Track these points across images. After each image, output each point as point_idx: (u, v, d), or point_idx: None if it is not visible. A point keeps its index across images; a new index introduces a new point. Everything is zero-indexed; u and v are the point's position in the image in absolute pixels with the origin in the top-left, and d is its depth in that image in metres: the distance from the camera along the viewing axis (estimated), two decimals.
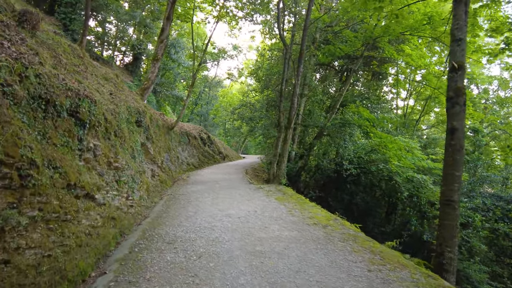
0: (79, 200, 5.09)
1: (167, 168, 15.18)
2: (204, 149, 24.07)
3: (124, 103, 8.55)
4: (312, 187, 17.95)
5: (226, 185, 13.18)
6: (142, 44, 26.65)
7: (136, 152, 9.26)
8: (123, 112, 8.16)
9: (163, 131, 15.62)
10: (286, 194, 11.00)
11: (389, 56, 16.73)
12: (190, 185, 13.85)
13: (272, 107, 21.36)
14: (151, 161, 12.50)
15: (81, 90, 5.61)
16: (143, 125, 10.37)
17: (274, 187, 12.61)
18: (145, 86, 14.13)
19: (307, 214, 7.96)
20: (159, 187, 12.72)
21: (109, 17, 25.61)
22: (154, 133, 12.92)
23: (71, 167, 4.81)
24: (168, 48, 29.89)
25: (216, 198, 10.27)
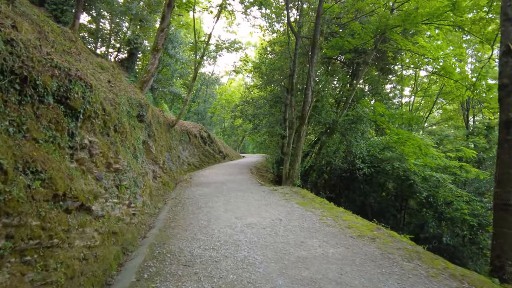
0: (71, 215, 3.76)
1: (169, 169, 13.84)
2: (205, 148, 22.72)
3: (125, 93, 7.21)
4: (321, 188, 16.74)
5: (235, 187, 11.88)
6: (139, 38, 25.16)
7: (138, 151, 7.92)
8: (123, 103, 6.82)
9: (164, 128, 14.26)
10: (305, 197, 9.75)
11: (404, 48, 15.57)
12: (195, 187, 12.52)
13: (277, 104, 20.07)
14: (152, 162, 11.16)
15: (73, 70, 4.27)
16: (145, 121, 9.02)
17: (288, 189, 11.35)
18: (144, 79, 12.76)
19: (343, 223, 6.71)
20: (161, 190, 11.38)
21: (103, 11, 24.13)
22: (156, 130, 11.57)
23: (59, 171, 3.48)
24: (165, 43, 28.41)
25: (228, 203, 8.97)
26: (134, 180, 7.21)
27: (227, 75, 47.93)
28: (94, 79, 5.50)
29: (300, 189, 11.48)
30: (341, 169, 16.78)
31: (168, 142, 14.61)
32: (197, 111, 38.98)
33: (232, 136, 45.41)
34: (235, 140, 44.85)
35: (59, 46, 5.45)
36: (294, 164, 12.09)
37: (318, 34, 12.87)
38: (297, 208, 8.15)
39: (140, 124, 8.46)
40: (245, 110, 21.69)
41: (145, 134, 9.45)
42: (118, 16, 25.72)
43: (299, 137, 12.16)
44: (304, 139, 12.55)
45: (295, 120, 13.13)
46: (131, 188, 6.91)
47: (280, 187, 11.69)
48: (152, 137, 10.33)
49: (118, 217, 5.81)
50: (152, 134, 10.14)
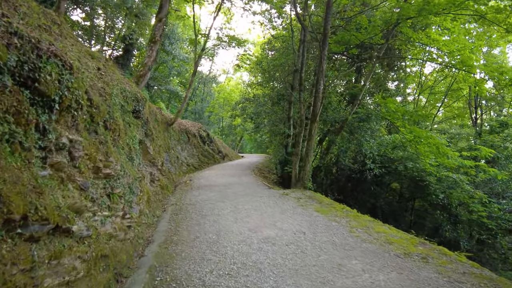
0: (38, 245, 2.62)
1: (167, 171, 12.68)
2: (204, 148, 21.54)
3: (118, 84, 6.04)
4: (329, 189, 15.66)
5: (241, 190, 10.76)
6: (134, 34, 23.89)
7: (134, 152, 6.77)
8: (116, 95, 5.66)
9: (162, 127, 13.09)
10: (323, 203, 8.65)
11: (417, 41, 14.55)
12: (196, 190, 11.39)
13: (280, 101, 18.96)
14: (150, 163, 10.00)
15: (44, 44, 3.11)
16: (142, 117, 7.86)
17: (300, 192, 10.25)
18: (141, 72, 11.59)
19: (379, 236, 5.62)
20: (160, 195, 10.23)
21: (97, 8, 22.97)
22: (153, 128, 10.41)
23: (16, 184, 2.33)
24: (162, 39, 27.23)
25: (237, 210, 7.85)
26: (130, 187, 6.06)
27: (225, 73, 46.84)
28: (78, 61, 4.34)
29: (313, 192, 10.39)
30: (350, 169, 15.73)
31: (166, 141, 13.44)
32: (194, 110, 37.73)
33: (230, 135, 44.26)
34: (233, 140, 43.69)
35: (34, 20, 4.30)
36: (304, 165, 11.00)
37: (329, 25, 11.78)
38: (318, 217, 7.05)
39: (136, 121, 7.30)
40: (246, 108, 20.54)
41: (142, 132, 8.28)
42: (112, 11, 24.49)
43: (310, 136, 11.06)
44: (315, 137, 11.45)
45: (304, 117, 12.03)
46: (125, 196, 5.76)
47: (290, 191, 10.59)
48: (150, 136, 9.17)
49: (109, 233, 4.66)
50: (149, 133, 8.97)
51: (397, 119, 13.33)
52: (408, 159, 14.92)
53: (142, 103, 7.55)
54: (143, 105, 7.57)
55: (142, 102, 7.56)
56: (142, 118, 7.93)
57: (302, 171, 11.01)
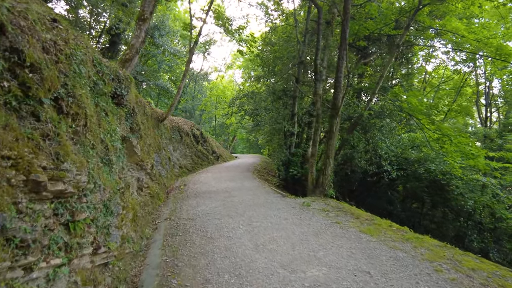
0: None
1: (158, 175, 10.54)
2: (197, 148, 19.39)
3: (87, 49, 3.92)
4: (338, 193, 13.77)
5: (249, 199, 8.74)
6: (120, 24, 21.48)
7: (114, 152, 4.67)
8: (82, 62, 3.55)
9: (151, 123, 10.94)
10: (360, 217, 6.71)
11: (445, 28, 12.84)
12: (193, 199, 9.32)
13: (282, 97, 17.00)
14: (137, 166, 7.89)
15: None
16: (126, 105, 5.74)
17: (322, 202, 8.30)
18: (127, 56, 9.45)
19: (475, 275, 3.71)
20: (149, 206, 8.12)
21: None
22: (142, 123, 8.29)
23: None
24: (151, 31, 24.93)
25: (254, 230, 5.83)
26: (105, 205, 3.98)
27: (216, 71, 44.60)
28: None
29: (338, 201, 8.45)
30: (363, 172, 13.88)
31: (156, 140, 11.30)
32: (185, 108, 35.35)
33: (222, 135, 42.07)
34: (225, 140, 41.49)
35: None
36: (325, 168, 9.04)
37: (349, 4, 9.90)
38: (370, 241, 5.09)
39: (117, 109, 5.19)
40: (244, 104, 18.48)
41: (126, 126, 6.17)
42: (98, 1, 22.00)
43: (331, 133, 9.12)
44: (337, 134, 9.52)
45: (320, 111, 10.08)
46: (98, 221, 3.68)
47: (309, 199, 8.61)
48: (137, 133, 7.05)
49: None
50: (136, 128, 6.85)
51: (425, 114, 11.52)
52: (428, 160, 13.20)
53: (126, 85, 5.43)
54: (127, 88, 5.46)
55: (126, 84, 5.44)
56: (127, 107, 5.82)
57: (322, 175, 9.05)
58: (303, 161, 16.47)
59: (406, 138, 14.19)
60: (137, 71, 23.64)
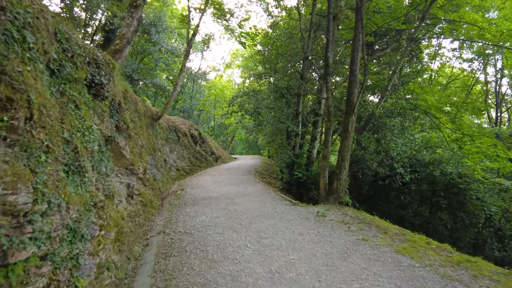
0: None
1: (152, 179, 9.44)
2: (196, 149, 18.26)
3: (42, 14, 2.82)
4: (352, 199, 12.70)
5: (254, 208, 7.65)
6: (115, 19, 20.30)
7: (89, 155, 3.57)
8: (28, 25, 2.44)
9: (145, 121, 9.83)
10: (388, 231, 5.64)
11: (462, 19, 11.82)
12: (191, 206, 8.23)
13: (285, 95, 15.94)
14: (126, 171, 6.81)
15: None
16: (108, 98, 4.63)
17: (339, 211, 7.23)
18: (117, 47, 8.36)
19: None
20: (141, 217, 7.02)
21: None
22: (131, 121, 7.20)
23: None
24: (147, 28, 23.81)
25: (265, 251, 4.76)
26: (71, 229, 2.88)
27: (215, 71, 43.43)
28: None
29: (357, 211, 7.38)
30: (374, 175, 12.84)
31: (151, 141, 10.20)
32: (183, 108, 34.16)
33: (220, 136, 40.94)
34: (224, 141, 40.35)
35: None
36: (339, 173, 7.96)
37: None
38: (413, 267, 4.03)
39: (95, 102, 4.09)
40: (244, 103, 17.38)
41: (111, 124, 5.06)
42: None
43: (346, 133, 8.05)
44: (353, 134, 8.44)
45: (332, 108, 9.00)
46: (57, 254, 2.59)
47: (323, 208, 7.52)
48: (125, 132, 5.94)
49: None
50: (123, 126, 5.75)
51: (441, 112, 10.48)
52: (443, 162, 12.18)
53: (108, 72, 4.32)
54: (108, 76, 4.35)
55: (108, 71, 4.33)
56: (109, 100, 4.71)
57: (336, 180, 7.97)
58: (308, 163, 15.41)
59: (419, 138, 13.14)
60: (132, 69, 22.45)
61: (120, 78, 7.48)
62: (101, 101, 4.20)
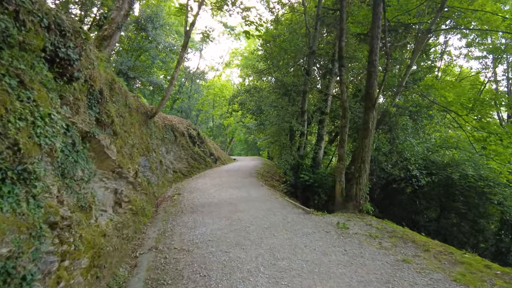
0: None
1: (145, 183, 8.35)
2: (194, 150, 17.16)
3: None
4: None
5: (261, 217, 6.58)
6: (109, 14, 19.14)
7: (49, 155, 2.51)
8: None
9: (137, 119, 8.73)
10: (429, 248, 4.59)
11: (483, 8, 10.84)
12: (189, 214, 7.15)
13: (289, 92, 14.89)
14: (114, 174, 5.73)
15: None
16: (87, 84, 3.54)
17: (361, 221, 6.17)
18: (105, 33, 7.29)
19: None
20: (130, 227, 5.93)
21: None
22: (120, 116, 6.12)
23: None
24: (143, 24, 22.69)
25: (284, 281, 3.70)
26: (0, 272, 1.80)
27: (213, 70, 42.34)
28: None
29: (381, 221, 6.31)
30: (386, 178, 11.81)
31: (144, 140, 9.11)
32: (181, 108, 32.98)
33: (219, 136, 39.81)
34: (222, 141, 39.21)
35: None
36: (359, 176, 6.91)
37: None
38: None
39: (59, 83, 2.99)
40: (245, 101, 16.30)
41: (89, 117, 3.98)
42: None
43: (367, 131, 7.01)
44: (373, 132, 7.38)
45: (347, 104, 7.94)
46: None
47: (343, 218, 6.44)
48: (109, 127, 4.86)
49: None
50: (106, 121, 4.67)
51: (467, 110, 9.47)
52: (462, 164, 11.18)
53: (78, 44, 3.23)
54: (79, 51, 3.25)
55: (78, 43, 3.24)
56: (87, 87, 3.62)
57: (355, 185, 6.92)
58: (314, 165, 14.37)
59: (437, 138, 12.12)
60: (128, 66, 21.28)
61: (108, 66, 6.40)
62: (69, 83, 3.11)
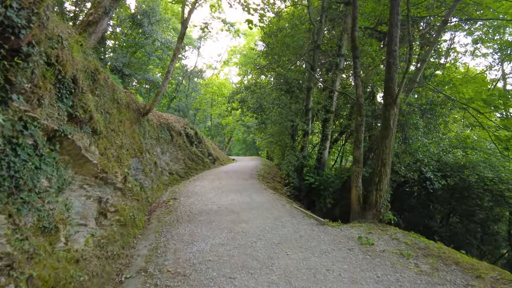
0: None
1: (137, 188, 7.44)
2: (192, 150, 16.24)
3: None
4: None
5: (269, 229, 5.71)
6: None
7: None
8: None
9: (128, 116, 7.80)
10: (481, 274, 3.74)
11: None
12: (186, 225, 6.27)
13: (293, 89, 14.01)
14: (97, 180, 4.85)
15: None
16: (47, 64, 2.63)
17: (383, 232, 5.31)
18: (90, 18, 6.37)
19: None
20: (116, 242, 5.03)
21: None
22: (104, 112, 5.21)
23: None
24: (139, 19, 21.73)
25: None
26: None
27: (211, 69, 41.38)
28: None
29: (407, 233, 5.44)
30: (397, 180, 10.98)
31: (137, 140, 8.20)
32: (178, 107, 31.98)
33: (217, 136, 38.88)
34: (220, 141, 38.27)
35: None
36: (379, 182, 6.03)
37: None
38: None
39: (7, 64, 2.07)
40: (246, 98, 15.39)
41: (59, 111, 3.09)
42: None
43: (387, 130, 6.14)
44: (395, 131, 6.52)
45: (363, 99, 7.07)
46: None
47: (362, 228, 5.58)
48: (86, 125, 3.95)
49: None
50: (84, 118, 3.76)
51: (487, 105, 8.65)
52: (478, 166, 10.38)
53: (27, 2, 2.32)
54: (28, 14, 2.34)
55: (25, 4, 2.32)
56: (54, 73, 2.72)
57: (375, 191, 6.05)
58: (319, 166, 13.51)
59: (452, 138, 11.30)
60: (123, 63, 20.28)
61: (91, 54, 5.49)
62: (18, 64, 2.21)
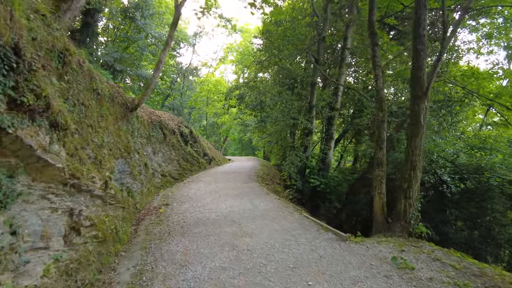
0: None
1: (122, 193, 6.37)
2: (186, 150, 15.14)
3: None
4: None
5: (278, 246, 4.71)
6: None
7: None
8: None
9: (112, 110, 6.71)
10: None
11: None
12: (178, 240, 5.24)
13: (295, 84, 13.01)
14: (67, 188, 3.76)
15: None
16: None
17: (418, 249, 4.34)
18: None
19: None
20: (91, 266, 3.95)
21: None
22: (73, 98, 4.15)
23: None
24: (132, 12, 20.56)
25: None
26: None
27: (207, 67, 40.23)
28: None
29: (447, 251, 4.47)
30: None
31: (123, 138, 7.12)
32: (172, 105, 30.79)
33: (213, 135, 37.75)
34: (216, 141, 37.15)
35: None
36: (408, 188, 5.05)
37: None
38: None
39: None
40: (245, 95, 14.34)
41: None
42: None
43: (417, 127, 5.18)
44: (425, 128, 5.54)
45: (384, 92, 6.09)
46: None
47: (389, 243, 4.59)
48: (42, 116, 2.88)
49: None
50: (37, 106, 2.69)
51: None
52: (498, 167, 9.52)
53: None
54: None
55: None
56: None
57: (404, 199, 5.06)
58: (323, 167, 12.54)
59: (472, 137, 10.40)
60: (114, 58, 19.05)
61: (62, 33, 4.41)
62: None
